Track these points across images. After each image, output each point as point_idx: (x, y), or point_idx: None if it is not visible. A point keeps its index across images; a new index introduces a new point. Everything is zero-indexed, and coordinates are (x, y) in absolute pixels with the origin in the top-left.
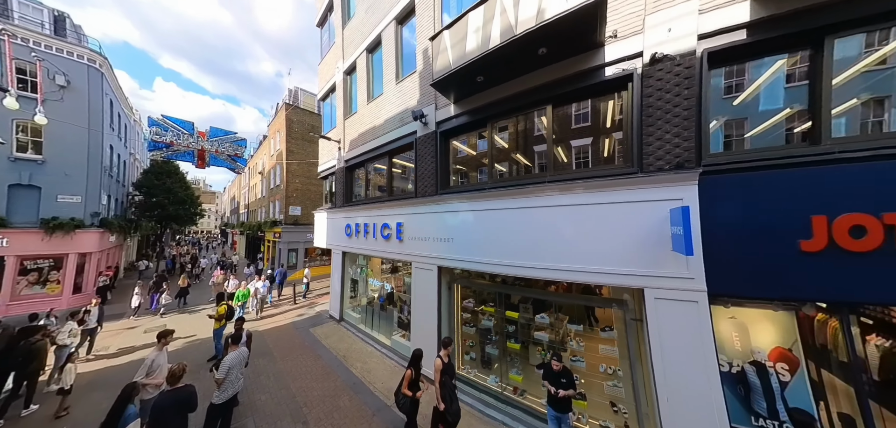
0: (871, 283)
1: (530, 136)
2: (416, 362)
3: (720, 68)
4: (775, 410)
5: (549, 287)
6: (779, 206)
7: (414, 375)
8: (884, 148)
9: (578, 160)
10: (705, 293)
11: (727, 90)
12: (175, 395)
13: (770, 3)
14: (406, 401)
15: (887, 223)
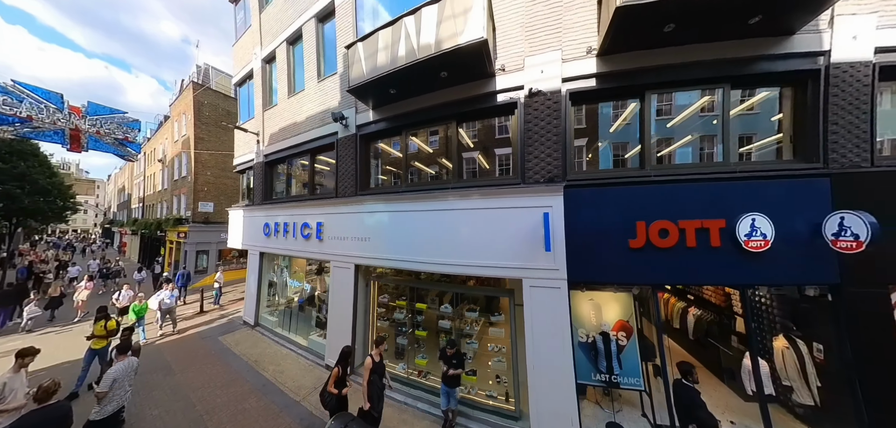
0: (671, 270)
1: (439, 145)
2: (345, 359)
3: (580, 106)
4: (611, 367)
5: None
6: (617, 214)
7: (341, 373)
8: (680, 175)
9: (476, 171)
10: (566, 281)
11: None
12: (44, 415)
13: (607, 63)
14: (332, 399)
15: (681, 227)
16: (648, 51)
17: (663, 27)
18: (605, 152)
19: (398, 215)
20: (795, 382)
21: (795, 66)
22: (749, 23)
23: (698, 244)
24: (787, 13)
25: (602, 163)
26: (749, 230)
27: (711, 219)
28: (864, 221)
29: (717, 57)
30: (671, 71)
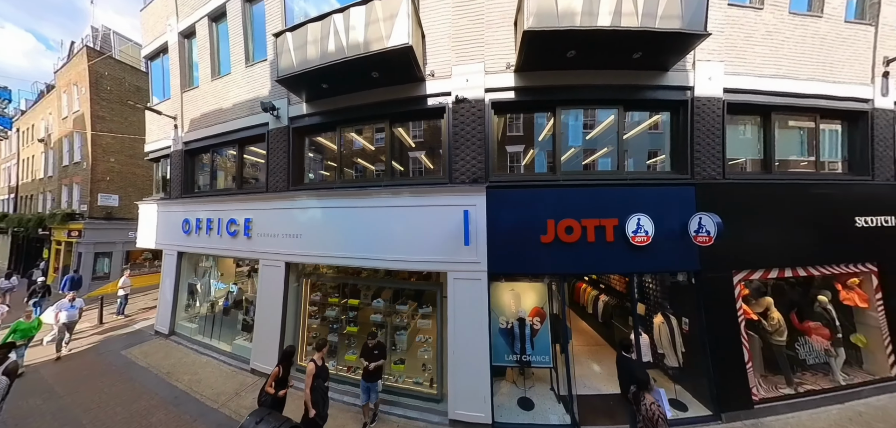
0: (575, 261)
1: (374, 143)
2: (287, 359)
3: (503, 114)
4: (524, 349)
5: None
6: (532, 212)
7: (282, 373)
8: (583, 180)
9: (409, 169)
10: (486, 273)
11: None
12: None
13: (523, 78)
14: (268, 398)
15: (583, 225)
16: (558, 71)
17: (566, 53)
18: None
19: (332, 211)
20: (667, 349)
21: (671, 96)
22: (633, 57)
23: (597, 239)
24: (660, 53)
25: (537, 167)
26: (636, 228)
27: (607, 218)
28: (713, 220)
29: (613, 82)
30: (577, 91)
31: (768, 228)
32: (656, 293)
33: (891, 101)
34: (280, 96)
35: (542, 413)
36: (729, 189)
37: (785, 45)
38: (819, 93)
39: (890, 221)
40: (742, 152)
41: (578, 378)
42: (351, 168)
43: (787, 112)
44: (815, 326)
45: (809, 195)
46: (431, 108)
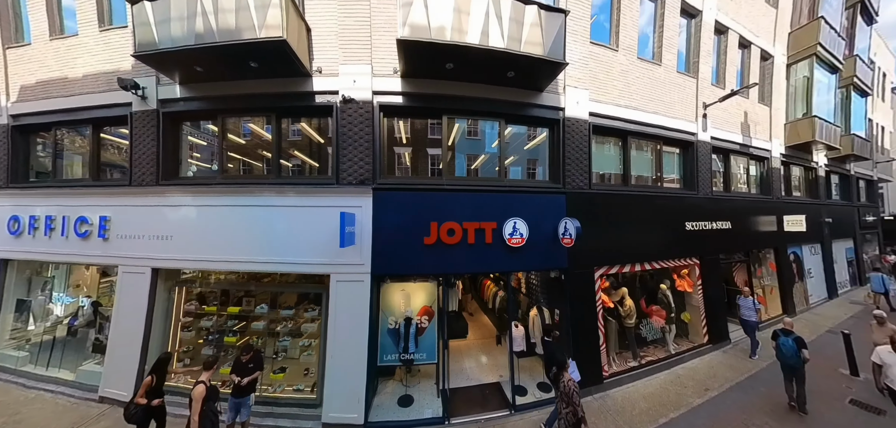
0: (455, 262)
1: (259, 138)
2: (162, 367)
3: (392, 118)
4: (408, 347)
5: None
6: (416, 215)
7: (155, 382)
8: (466, 185)
9: (295, 168)
10: (370, 275)
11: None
12: None
13: (411, 84)
14: (138, 411)
15: (465, 227)
16: (444, 81)
17: (445, 64)
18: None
19: (211, 210)
20: (538, 339)
21: (546, 115)
22: (508, 75)
23: (476, 241)
24: (531, 75)
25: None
26: (512, 231)
27: (487, 221)
28: (574, 224)
29: (495, 97)
30: (462, 101)
31: (625, 230)
32: (537, 289)
33: (708, 136)
34: (147, 73)
35: (419, 409)
36: (594, 198)
37: (635, 83)
38: (661, 124)
39: (707, 225)
40: (607, 167)
41: (466, 370)
42: (233, 162)
43: (639, 137)
44: (656, 309)
45: (655, 204)
46: (319, 106)
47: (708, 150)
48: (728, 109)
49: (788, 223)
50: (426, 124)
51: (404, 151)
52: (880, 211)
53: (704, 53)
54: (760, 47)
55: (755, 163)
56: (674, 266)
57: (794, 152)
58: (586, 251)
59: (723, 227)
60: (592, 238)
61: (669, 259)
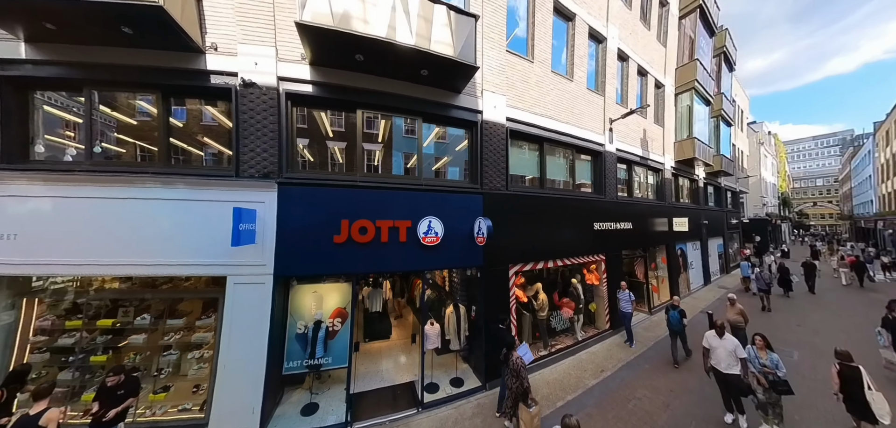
0: (367, 261)
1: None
2: (18, 380)
3: (303, 107)
4: (314, 352)
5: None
6: (326, 212)
7: (6, 397)
8: (381, 183)
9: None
10: (272, 276)
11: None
12: None
13: (321, 73)
14: None
15: (378, 226)
16: (357, 74)
17: (354, 55)
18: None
19: (73, 203)
20: (452, 336)
21: (465, 116)
22: (422, 73)
23: (390, 240)
24: (445, 75)
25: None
26: (427, 229)
27: (401, 220)
28: (485, 224)
29: (413, 94)
30: (378, 96)
31: (540, 229)
32: (457, 286)
33: (614, 148)
34: None
35: (322, 416)
36: (510, 199)
37: (550, 94)
38: (574, 134)
39: (613, 225)
40: (525, 170)
41: (382, 372)
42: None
43: (555, 144)
44: (567, 301)
45: (568, 206)
46: (216, 88)
47: (614, 160)
48: (630, 126)
49: (676, 224)
50: (340, 118)
51: (315, 145)
52: (741, 215)
53: (610, 76)
54: (654, 77)
55: (652, 173)
56: (584, 262)
57: (681, 166)
58: (502, 249)
59: (625, 227)
60: (509, 237)
61: (580, 256)
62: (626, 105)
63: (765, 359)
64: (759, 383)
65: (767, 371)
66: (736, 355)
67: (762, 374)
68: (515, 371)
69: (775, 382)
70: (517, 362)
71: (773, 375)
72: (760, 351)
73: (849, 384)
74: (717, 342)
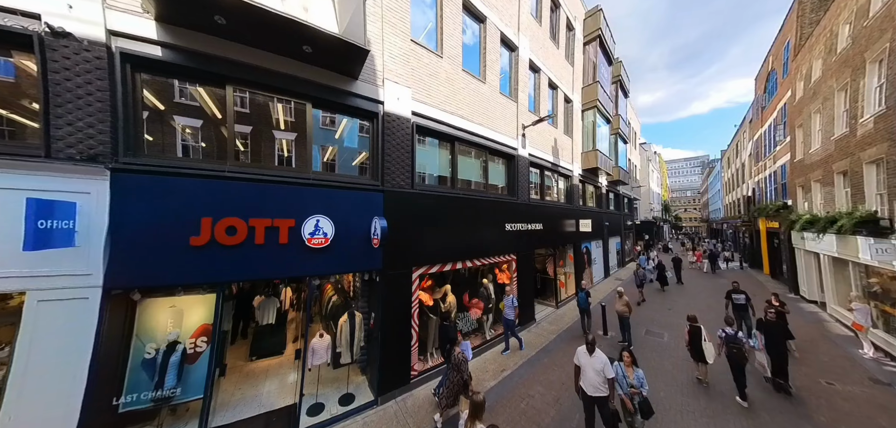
0: (236, 266)
1: None
2: None
3: (149, 74)
4: (163, 382)
5: None
6: (181, 208)
7: None
8: (257, 174)
9: None
10: (100, 289)
11: None
12: None
13: (170, 33)
14: None
15: (251, 225)
16: (225, 41)
17: (213, 16)
18: (201, 140)
19: None
20: (344, 348)
21: (363, 106)
22: (305, 50)
23: (267, 241)
24: (333, 55)
25: (196, 152)
26: (313, 230)
27: (282, 218)
28: (381, 224)
29: (299, 75)
30: (254, 72)
31: (450, 230)
32: (358, 292)
33: (527, 153)
34: None
35: None
36: (417, 198)
37: (462, 93)
38: (487, 136)
39: (524, 226)
40: (436, 169)
41: (262, 395)
42: None
43: (467, 144)
44: (476, 302)
45: (480, 207)
46: (13, 34)
47: (526, 165)
48: (543, 134)
49: (583, 225)
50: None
51: (168, 124)
52: (635, 218)
53: (523, 84)
54: (564, 92)
55: (562, 179)
56: (496, 262)
57: (587, 174)
58: (405, 251)
59: (537, 228)
60: (414, 238)
61: (492, 256)
62: (539, 113)
63: (632, 378)
64: (627, 408)
65: (634, 392)
66: (604, 375)
67: (629, 396)
68: (457, 365)
69: (641, 404)
70: (459, 357)
71: (639, 396)
72: (627, 368)
73: (694, 338)
74: (586, 360)
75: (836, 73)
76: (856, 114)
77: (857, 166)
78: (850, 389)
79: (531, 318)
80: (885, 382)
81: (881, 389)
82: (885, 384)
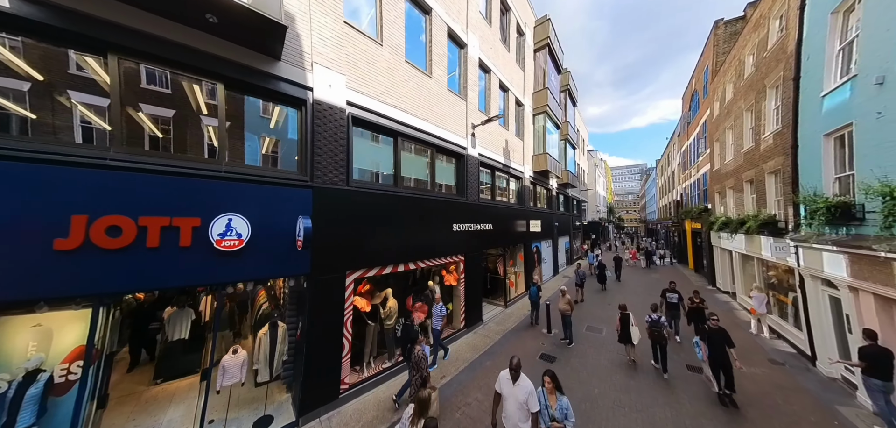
0: (120, 274)
1: None
2: None
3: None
4: (14, 419)
5: None
6: (42, 203)
7: None
8: (151, 164)
9: None
10: None
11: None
12: None
13: None
14: None
15: (142, 225)
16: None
17: None
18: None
19: None
20: (261, 364)
21: (288, 90)
22: (208, 18)
23: (164, 244)
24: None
25: (63, 132)
26: (224, 230)
27: (184, 217)
28: (304, 224)
29: (209, 51)
30: (150, 42)
31: (394, 230)
32: (286, 299)
33: (476, 152)
34: None
35: None
36: (354, 196)
37: (405, 86)
38: (434, 133)
39: (473, 226)
40: (378, 166)
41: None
42: None
43: (413, 141)
44: (420, 305)
45: (426, 207)
46: None
47: (476, 164)
48: (494, 135)
49: (533, 225)
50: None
51: (25, 96)
52: (583, 219)
53: (472, 83)
54: (516, 95)
55: (514, 180)
56: (443, 263)
57: (538, 176)
58: (338, 253)
59: (487, 228)
60: (350, 239)
61: (439, 257)
62: (490, 114)
63: (554, 407)
64: None
65: (556, 426)
66: (527, 409)
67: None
68: (416, 363)
69: None
70: (418, 354)
71: None
72: (550, 395)
73: (624, 323)
74: (509, 389)
75: (744, 95)
76: (759, 131)
77: (761, 176)
78: (754, 370)
79: (479, 319)
80: (780, 362)
81: (778, 369)
82: (780, 364)
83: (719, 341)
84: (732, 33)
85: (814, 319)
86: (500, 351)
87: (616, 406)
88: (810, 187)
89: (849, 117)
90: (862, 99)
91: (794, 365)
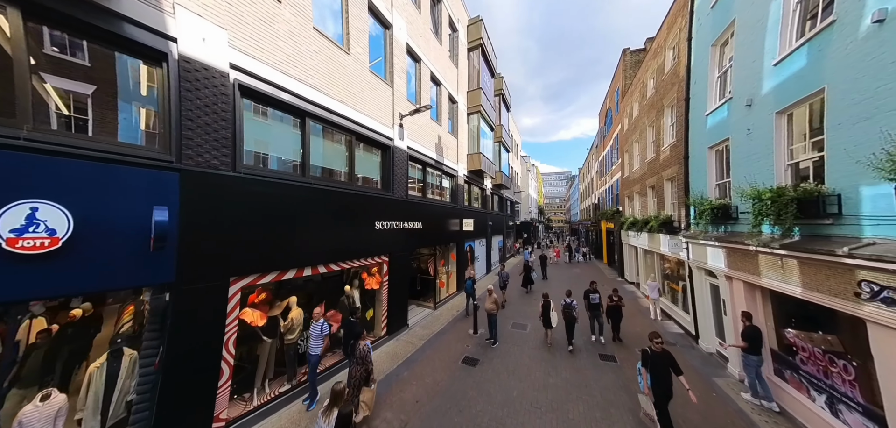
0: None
1: None
2: None
3: None
4: None
5: None
6: None
7: None
8: None
9: None
10: None
11: None
12: None
13: None
14: None
15: None
16: None
17: None
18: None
19: None
20: (88, 411)
21: (140, 38)
22: None
23: None
24: None
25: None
26: (23, 225)
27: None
28: (159, 216)
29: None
30: None
31: (298, 228)
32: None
33: (405, 145)
34: None
35: None
36: (243, 184)
37: (313, 58)
38: (352, 118)
39: (400, 224)
40: (280, 150)
41: None
42: None
43: (324, 123)
44: (333, 313)
45: (343, 201)
46: None
47: (405, 158)
48: (426, 129)
49: (466, 224)
50: None
51: None
52: (516, 219)
53: (400, 70)
54: (449, 91)
55: (447, 177)
56: (363, 264)
57: (473, 176)
58: (219, 256)
59: (416, 226)
60: (237, 238)
61: (359, 258)
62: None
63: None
64: None
65: None
66: None
67: None
68: (362, 357)
69: None
70: (364, 349)
71: None
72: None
73: (545, 309)
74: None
75: (647, 113)
76: (659, 143)
77: (661, 182)
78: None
79: (403, 324)
80: (672, 343)
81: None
82: (672, 345)
83: (664, 366)
84: (637, 61)
85: (698, 304)
86: (421, 358)
87: (533, 407)
88: (699, 192)
89: (726, 133)
90: (736, 118)
91: (682, 344)
